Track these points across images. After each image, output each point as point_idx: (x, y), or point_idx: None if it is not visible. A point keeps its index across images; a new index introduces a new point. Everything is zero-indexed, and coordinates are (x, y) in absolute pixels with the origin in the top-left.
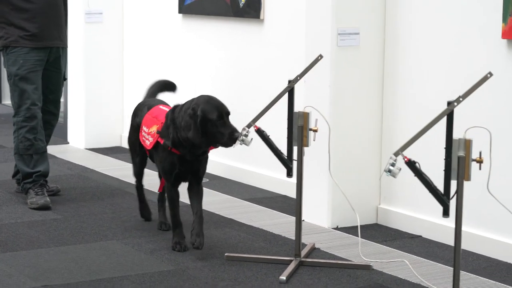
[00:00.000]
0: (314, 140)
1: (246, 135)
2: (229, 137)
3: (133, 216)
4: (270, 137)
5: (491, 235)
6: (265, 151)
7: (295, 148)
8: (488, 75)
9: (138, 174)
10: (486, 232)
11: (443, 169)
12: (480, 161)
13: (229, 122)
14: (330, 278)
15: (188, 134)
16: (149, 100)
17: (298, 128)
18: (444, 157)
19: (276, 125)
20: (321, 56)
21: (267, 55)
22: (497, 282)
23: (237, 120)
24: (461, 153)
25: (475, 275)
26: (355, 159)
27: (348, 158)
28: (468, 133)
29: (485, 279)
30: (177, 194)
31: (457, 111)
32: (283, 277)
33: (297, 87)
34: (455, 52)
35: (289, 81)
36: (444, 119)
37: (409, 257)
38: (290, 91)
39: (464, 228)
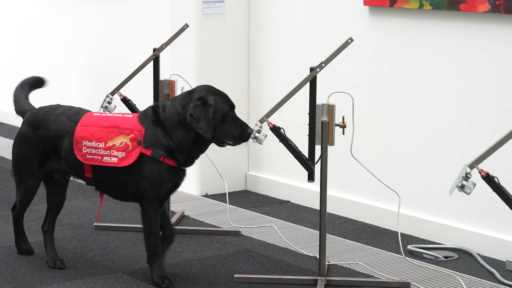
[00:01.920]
0: None
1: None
2: (242, 133)
3: (0, 188)
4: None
5: (356, 198)
6: None
7: None
8: (349, 41)
9: (26, 202)
10: (351, 196)
11: (308, 134)
12: (343, 126)
13: (238, 117)
14: (200, 245)
15: (198, 126)
16: (60, 107)
17: (164, 96)
18: (308, 123)
19: (142, 95)
20: (187, 26)
21: (134, 24)
22: (363, 244)
23: (104, 89)
24: (325, 118)
25: (341, 238)
26: None
27: None
28: (331, 98)
29: (351, 241)
30: (158, 218)
31: (320, 77)
32: None
33: (163, 55)
34: (319, 18)
35: (154, 50)
36: (308, 85)
37: (277, 222)
38: (155, 59)
39: (330, 192)
